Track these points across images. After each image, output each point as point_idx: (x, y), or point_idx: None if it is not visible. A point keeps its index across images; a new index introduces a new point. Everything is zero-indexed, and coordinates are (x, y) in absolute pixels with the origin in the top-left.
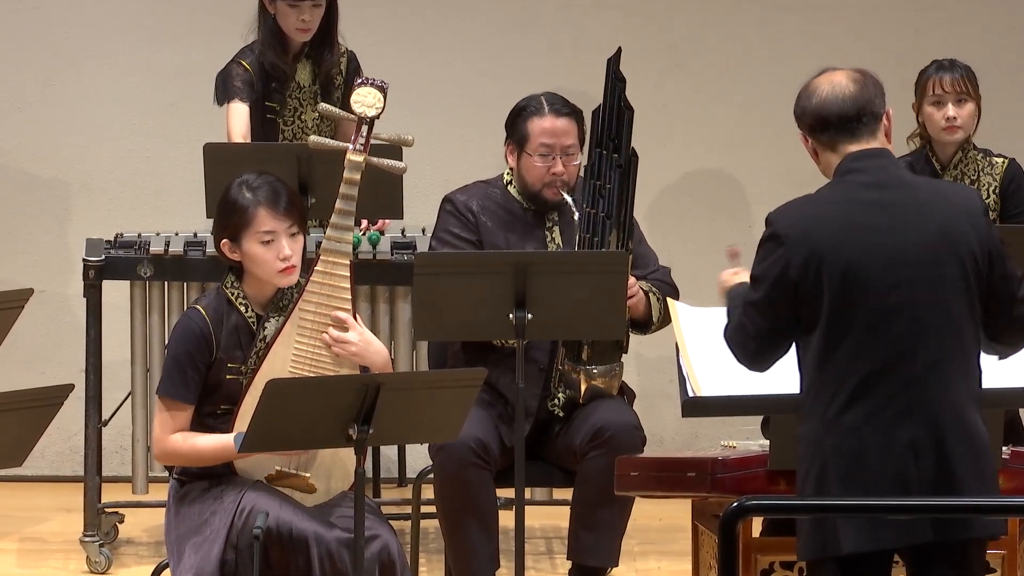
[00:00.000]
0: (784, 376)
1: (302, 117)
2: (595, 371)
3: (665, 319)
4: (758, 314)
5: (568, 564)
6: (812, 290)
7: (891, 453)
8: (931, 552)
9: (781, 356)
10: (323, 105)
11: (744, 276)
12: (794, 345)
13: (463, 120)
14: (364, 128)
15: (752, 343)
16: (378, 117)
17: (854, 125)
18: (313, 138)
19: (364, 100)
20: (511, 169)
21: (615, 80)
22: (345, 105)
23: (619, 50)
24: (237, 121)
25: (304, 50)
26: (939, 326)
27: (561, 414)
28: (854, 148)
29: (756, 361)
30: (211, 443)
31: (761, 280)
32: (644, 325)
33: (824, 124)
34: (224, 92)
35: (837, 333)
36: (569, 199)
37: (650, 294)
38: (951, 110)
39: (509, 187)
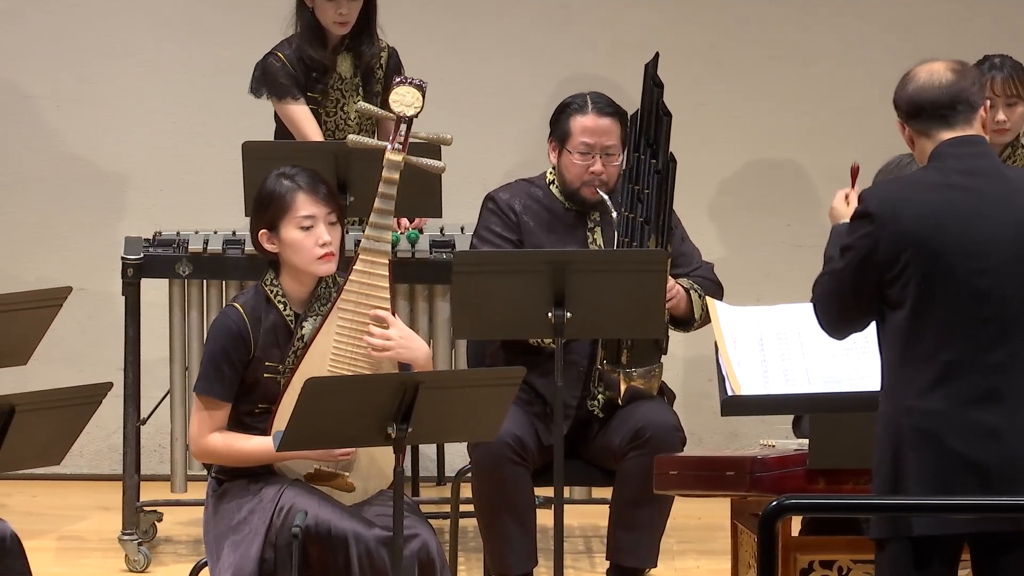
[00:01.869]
0: (822, 375)
1: (344, 108)
2: (635, 373)
3: (707, 316)
4: (842, 283)
5: (607, 563)
6: (899, 271)
7: (971, 439)
8: (1003, 540)
9: (860, 327)
10: (361, 103)
11: (854, 200)
12: (874, 326)
13: (501, 118)
14: (402, 127)
15: (833, 306)
16: (416, 116)
17: (948, 112)
18: (352, 137)
19: (402, 99)
20: (553, 167)
21: (653, 85)
22: (385, 102)
23: (656, 55)
24: (306, 122)
25: (344, 42)
26: None
27: (601, 415)
28: (948, 135)
29: (834, 326)
30: (250, 446)
31: (848, 252)
32: (686, 322)
33: (918, 110)
34: (274, 90)
35: (922, 316)
36: (607, 198)
37: (691, 292)
38: (1001, 113)
39: (551, 187)
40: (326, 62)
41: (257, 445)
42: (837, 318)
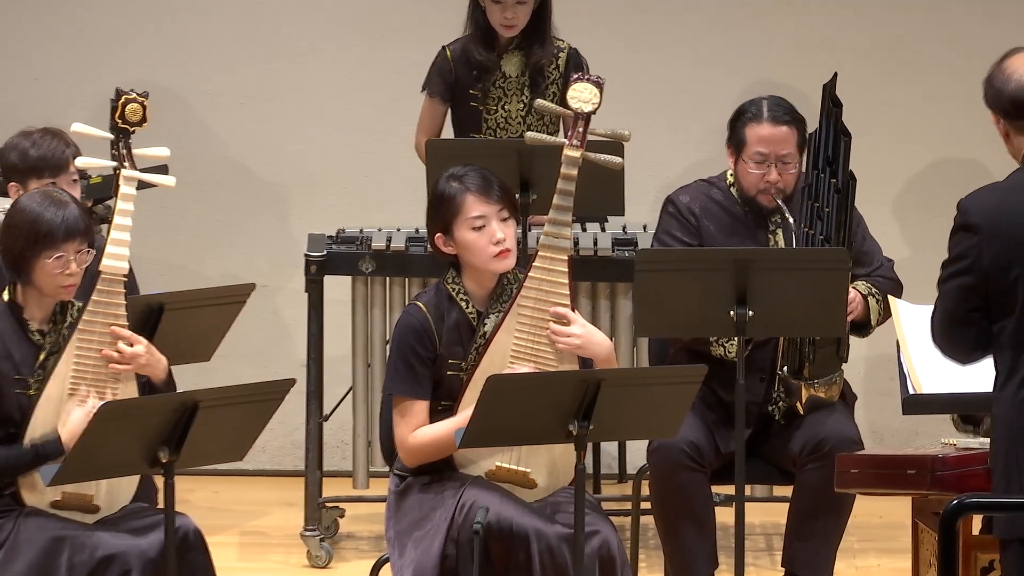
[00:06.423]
0: None
1: (506, 107)
2: (816, 382)
3: (883, 320)
4: (950, 299)
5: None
6: (1004, 277)
7: None
8: None
9: (976, 343)
10: (540, 101)
11: None
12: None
13: (684, 116)
14: (580, 124)
15: (943, 326)
16: (594, 112)
17: None
18: (529, 134)
19: (580, 96)
20: (731, 172)
21: (831, 105)
22: (560, 101)
23: (835, 76)
24: (425, 116)
25: (514, 42)
26: None
27: (782, 422)
28: None
29: (949, 344)
30: (445, 427)
31: (953, 266)
32: (862, 327)
33: (1021, 110)
34: (426, 80)
35: None
36: (783, 206)
37: (869, 298)
38: None
39: (732, 188)
40: (488, 64)
41: (440, 429)
42: (949, 332)
